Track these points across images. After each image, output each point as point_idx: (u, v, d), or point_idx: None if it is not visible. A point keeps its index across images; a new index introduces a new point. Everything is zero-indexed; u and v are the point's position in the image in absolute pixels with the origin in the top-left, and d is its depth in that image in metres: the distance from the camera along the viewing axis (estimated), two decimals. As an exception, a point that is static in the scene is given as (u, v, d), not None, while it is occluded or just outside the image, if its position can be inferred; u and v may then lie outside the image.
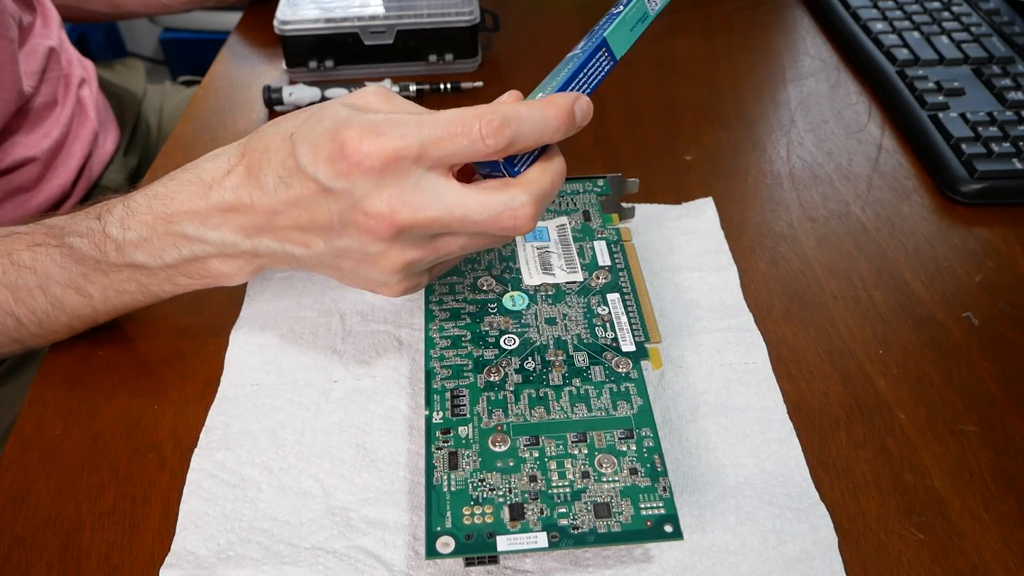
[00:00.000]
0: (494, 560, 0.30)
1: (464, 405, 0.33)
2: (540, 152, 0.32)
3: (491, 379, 0.34)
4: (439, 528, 0.29)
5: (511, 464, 0.31)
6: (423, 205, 0.30)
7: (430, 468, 0.31)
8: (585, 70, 0.33)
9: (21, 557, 0.32)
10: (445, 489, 0.30)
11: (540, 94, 0.32)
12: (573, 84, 0.33)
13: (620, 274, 0.39)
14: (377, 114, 0.31)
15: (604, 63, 0.34)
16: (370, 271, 0.33)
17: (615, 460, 0.31)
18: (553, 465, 0.31)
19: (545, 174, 0.32)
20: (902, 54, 0.59)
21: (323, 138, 0.31)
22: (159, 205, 0.35)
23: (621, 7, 0.34)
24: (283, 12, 0.59)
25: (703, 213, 0.47)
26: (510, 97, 0.34)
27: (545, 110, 0.31)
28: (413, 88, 0.58)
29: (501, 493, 0.30)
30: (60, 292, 0.37)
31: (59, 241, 0.37)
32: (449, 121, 0.30)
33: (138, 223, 0.35)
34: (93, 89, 0.66)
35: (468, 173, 0.34)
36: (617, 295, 0.38)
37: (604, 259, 0.40)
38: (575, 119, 0.32)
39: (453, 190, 0.31)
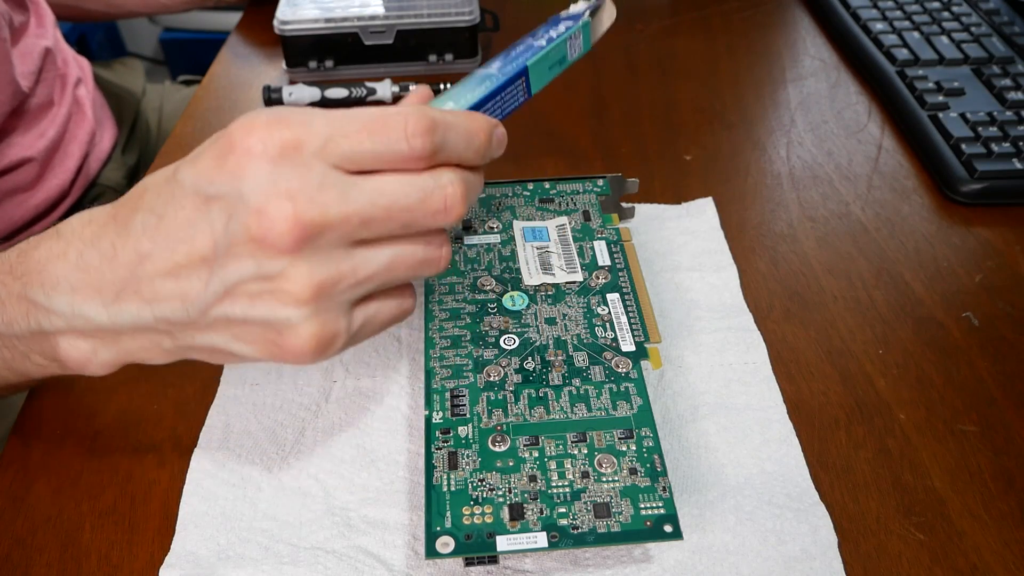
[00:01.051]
0: (494, 560, 0.30)
1: (464, 405, 0.33)
2: None
3: (491, 379, 0.34)
4: (439, 528, 0.29)
5: (511, 464, 0.31)
6: (335, 199, 0.25)
7: (430, 468, 0.31)
8: (502, 94, 0.29)
9: (21, 557, 0.32)
10: (445, 489, 0.30)
11: (450, 103, 0.28)
12: (487, 106, 0.29)
13: (620, 274, 0.39)
14: (279, 110, 0.26)
15: (519, 94, 0.30)
16: (270, 309, 0.25)
17: (615, 460, 0.31)
18: (553, 465, 0.31)
19: (467, 170, 0.28)
20: (902, 54, 0.59)
21: (208, 144, 0.25)
22: (19, 262, 0.29)
23: (543, 41, 0.31)
24: (283, 12, 0.59)
25: (703, 213, 0.47)
26: (416, 95, 0.29)
27: (471, 124, 0.27)
28: (413, 88, 0.58)
29: (501, 493, 0.30)
30: None
31: None
32: (367, 114, 0.25)
33: None
34: (90, 88, 0.66)
35: None
36: (617, 295, 0.38)
37: (604, 259, 0.40)
38: (493, 145, 0.28)
39: (369, 180, 0.25)
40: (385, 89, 0.58)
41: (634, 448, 0.31)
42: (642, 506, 0.30)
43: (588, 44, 0.32)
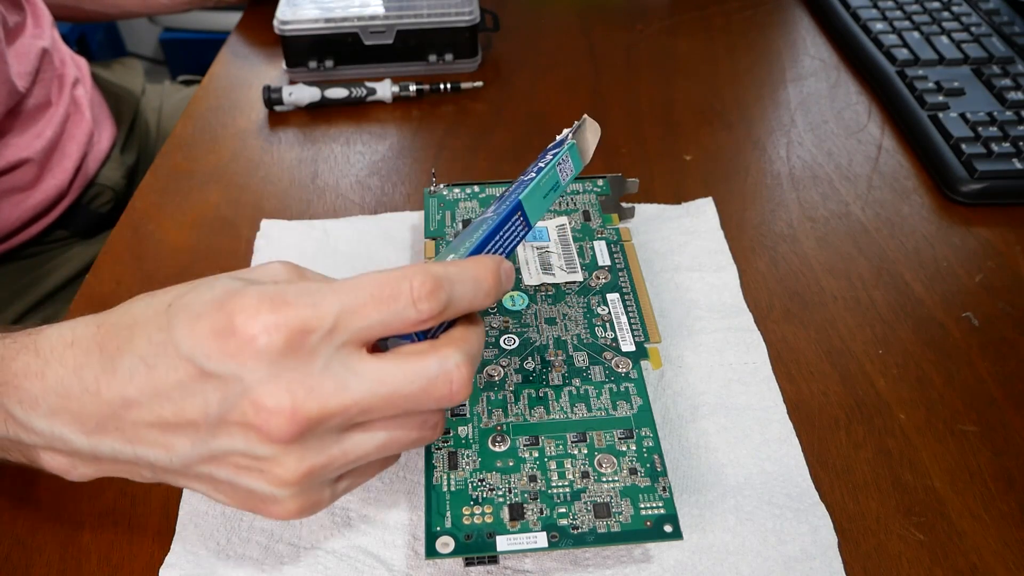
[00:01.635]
0: (494, 560, 0.30)
1: (464, 405, 0.33)
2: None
3: (491, 379, 0.34)
4: (439, 528, 0.29)
5: (511, 464, 0.31)
6: (335, 390, 0.24)
7: (430, 468, 0.31)
8: (501, 233, 0.29)
9: (21, 557, 0.32)
10: (445, 489, 0.30)
11: (451, 255, 0.28)
12: (489, 247, 0.29)
13: (620, 274, 0.39)
14: (279, 284, 0.25)
15: (519, 228, 0.30)
16: (255, 482, 0.25)
17: (615, 460, 0.31)
18: (553, 465, 0.31)
19: (470, 332, 0.27)
20: (902, 54, 0.59)
21: (208, 307, 0.24)
22: (2, 364, 0.27)
23: (533, 174, 0.31)
24: (283, 12, 0.59)
25: (703, 213, 0.47)
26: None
27: (476, 270, 0.26)
28: (413, 88, 0.58)
29: (501, 493, 0.30)
30: None
31: None
32: (372, 284, 0.25)
33: None
34: (88, 88, 0.66)
35: None
36: (617, 295, 0.38)
37: (604, 259, 0.40)
38: (502, 283, 0.27)
39: (371, 365, 0.25)
40: (385, 89, 0.58)
41: (634, 448, 0.31)
42: (642, 506, 0.30)
43: (579, 164, 0.33)
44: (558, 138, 0.33)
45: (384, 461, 0.28)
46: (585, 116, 0.33)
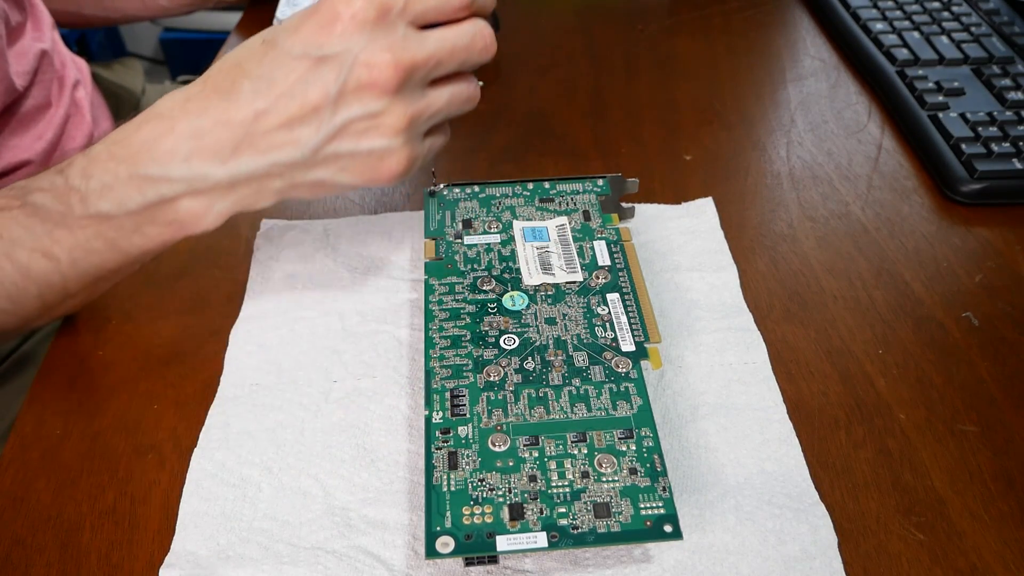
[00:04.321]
0: (494, 560, 0.30)
1: (464, 405, 0.33)
2: None
3: (491, 379, 0.34)
4: (439, 528, 0.29)
5: (511, 464, 0.31)
6: (418, 47, 0.32)
7: (430, 468, 0.31)
8: None
9: (21, 557, 0.32)
10: (445, 489, 0.30)
11: None
12: None
13: (620, 274, 0.39)
14: None
15: None
16: (373, 141, 0.33)
17: (615, 460, 0.31)
18: (553, 465, 0.31)
19: (479, 20, 0.35)
20: (902, 54, 0.59)
21: (303, 17, 0.31)
22: (119, 149, 0.33)
23: None
24: (283, 12, 0.59)
25: (703, 213, 0.47)
26: None
27: None
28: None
29: (501, 493, 0.30)
30: (26, 258, 0.35)
31: (22, 201, 0.35)
32: None
33: (100, 170, 0.34)
34: (88, 90, 0.66)
35: None
36: (617, 295, 0.38)
37: (604, 259, 0.40)
38: None
39: (433, 32, 0.33)
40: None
41: (634, 448, 0.31)
42: (642, 506, 0.30)
43: None
44: None
45: (443, 137, 0.37)
46: None
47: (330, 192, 0.35)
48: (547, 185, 0.44)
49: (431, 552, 0.29)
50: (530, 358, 0.35)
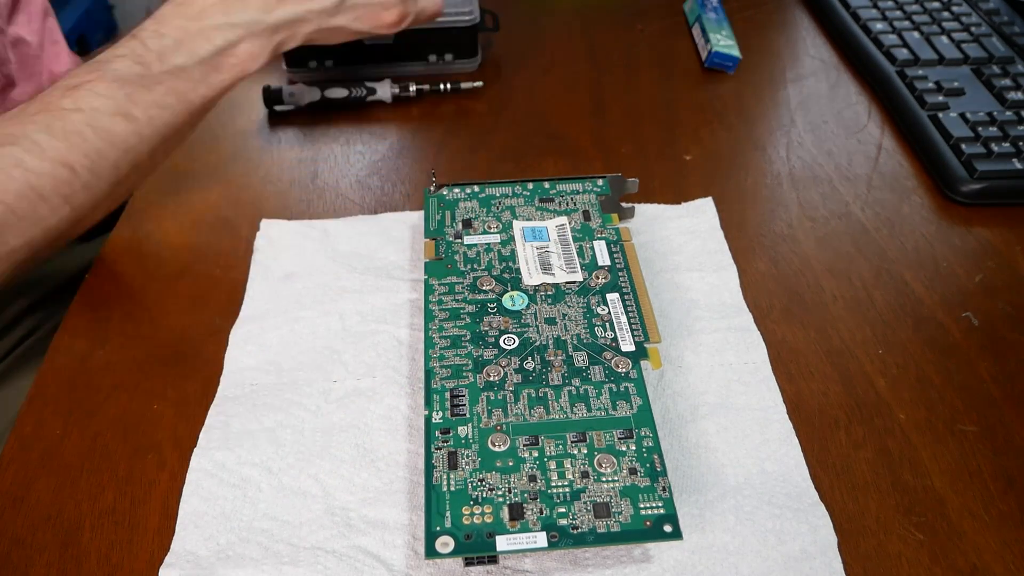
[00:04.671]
0: (493, 560, 0.30)
1: (464, 405, 0.33)
2: None
3: (491, 379, 0.34)
4: (438, 528, 0.29)
5: (510, 464, 0.31)
6: None
7: (429, 468, 0.31)
8: None
9: (21, 557, 0.32)
10: (444, 489, 0.30)
11: None
12: None
13: (620, 274, 0.39)
14: None
15: None
16: None
17: (614, 460, 0.31)
18: (552, 465, 0.31)
19: None
20: (902, 54, 0.59)
21: None
22: (185, 9, 0.42)
23: None
24: None
25: (703, 213, 0.47)
26: None
27: None
28: (413, 88, 0.58)
29: (500, 493, 0.30)
30: (108, 123, 0.40)
31: (99, 74, 0.40)
32: None
33: (171, 28, 0.42)
34: None
35: None
36: (617, 295, 0.38)
37: (604, 259, 0.40)
38: None
39: None
40: (385, 89, 0.58)
41: (634, 448, 0.31)
42: (642, 506, 0.30)
43: None
44: None
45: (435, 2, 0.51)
46: None
47: (344, 37, 0.48)
48: (547, 185, 0.44)
49: (431, 552, 0.29)
50: (530, 358, 0.35)
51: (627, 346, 0.35)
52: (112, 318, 0.42)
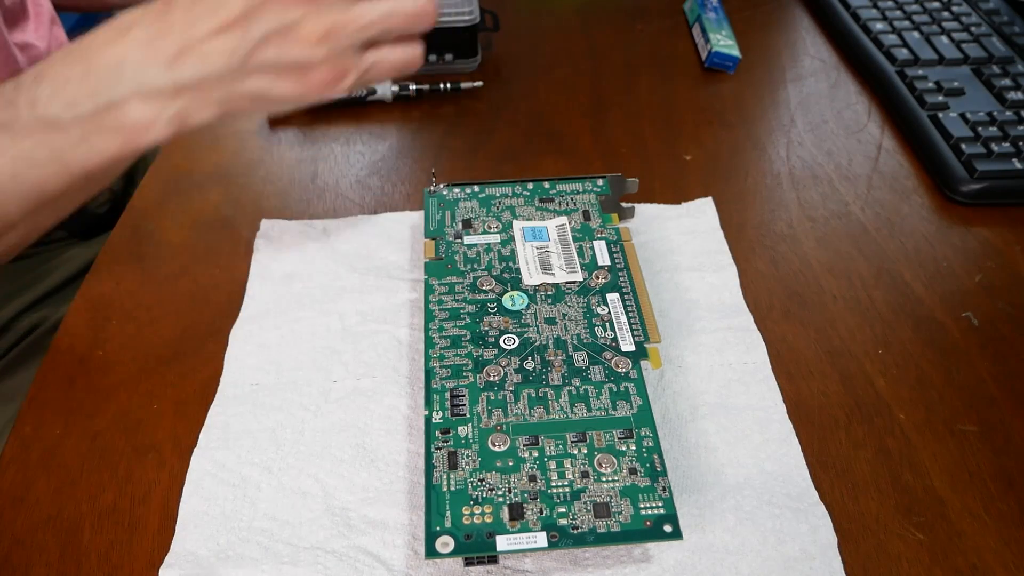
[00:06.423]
0: (493, 560, 0.30)
1: (464, 405, 0.33)
2: None
3: (491, 379, 0.34)
4: (438, 528, 0.29)
5: (510, 464, 0.31)
6: None
7: (429, 468, 0.31)
8: None
9: (21, 557, 0.32)
10: (444, 489, 0.30)
11: None
12: None
13: (620, 274, 0.39)
14: None
15: None
16: (294, 52, 0.34)
17: (614, 460, 0.31)
18: (552, 465, 0.31)
19: None
20: (902, 54, 0.59)
21: None
22: (73, 54, 0.35)
23: None
24: None
25: (703, 213, 0.47)
26: None
27: None
28: (413, 88, 0.58)
29: (500, 493, 0.30)
30: None
31: None
32: None
33: (53, 73, 0.35)
34: None
35: None
36: (617, 295, 0.38)
37: (604, 259, 0.40)
38: None
39: None
40: (385, 89, 0.58)
41: (634, 448, 0.31)
42: (642, 506, 0.30)
43: None
44: None
45: (403, 52, 0.37)
46: None
47: (272, 105, 0.36)
48: (547, 185, 0.44)
49: (431, 552, 0.29)
50: (530, 358, 0.35)
51: (627, 346, 0.35)
52: (112, 318, 0.42)
